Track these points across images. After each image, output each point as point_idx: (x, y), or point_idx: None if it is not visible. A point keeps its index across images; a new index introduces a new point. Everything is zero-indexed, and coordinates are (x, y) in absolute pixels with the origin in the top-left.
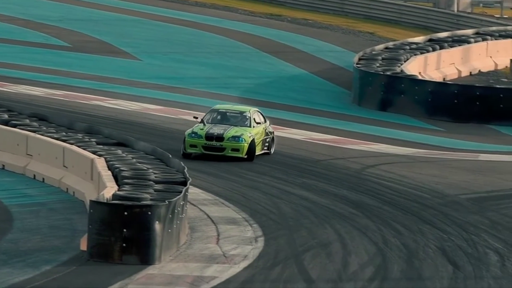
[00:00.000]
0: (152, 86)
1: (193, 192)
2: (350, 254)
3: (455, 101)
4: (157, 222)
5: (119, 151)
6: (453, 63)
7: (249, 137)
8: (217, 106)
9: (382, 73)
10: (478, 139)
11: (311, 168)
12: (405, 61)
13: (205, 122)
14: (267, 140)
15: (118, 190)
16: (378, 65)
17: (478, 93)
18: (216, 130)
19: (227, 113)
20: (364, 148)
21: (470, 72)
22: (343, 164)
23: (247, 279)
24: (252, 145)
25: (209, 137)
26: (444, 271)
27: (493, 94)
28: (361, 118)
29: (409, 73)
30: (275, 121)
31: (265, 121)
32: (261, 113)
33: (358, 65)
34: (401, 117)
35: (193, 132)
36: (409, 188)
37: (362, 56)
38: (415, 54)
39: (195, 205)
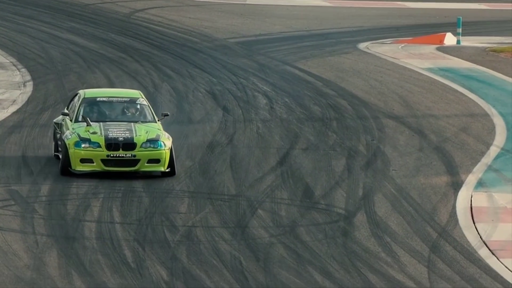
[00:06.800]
0: None
1: None
2: None
3: None
4: None
5: None
6: None
7: (167, 138)
8: (90, 94)
9: None
10: None
11: (79, 12)
12: None
13: (89, 121)
14: None
15: None
16: None
17: None
18: (117, 132)
19: (113, 103)
20: None
21: None
22: (112, 8)
23: (16, 124)
24: (172, 152)
25: (112, 144)
26: (214, 114)
27: None
28: None
29: None
30: None
31: None
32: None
33: None
34: None
35: (81, 139)
36: (178, 32)
37: None
38: None
39: None
